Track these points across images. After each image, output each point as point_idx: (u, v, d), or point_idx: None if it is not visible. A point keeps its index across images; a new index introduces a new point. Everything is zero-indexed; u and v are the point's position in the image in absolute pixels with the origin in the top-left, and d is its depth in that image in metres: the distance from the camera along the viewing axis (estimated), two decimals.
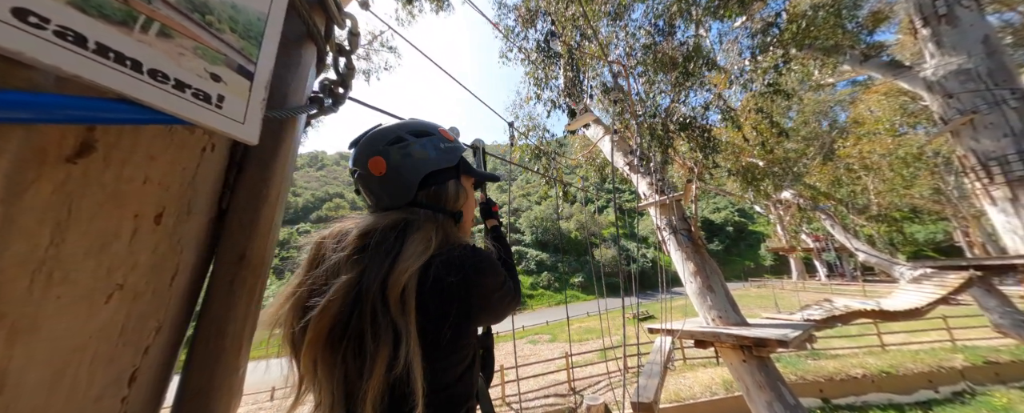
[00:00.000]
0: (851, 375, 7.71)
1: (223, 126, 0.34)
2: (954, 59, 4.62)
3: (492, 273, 0.58)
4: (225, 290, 0.45)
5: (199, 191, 0.43)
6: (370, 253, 0.54)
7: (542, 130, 6.92)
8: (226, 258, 0.47)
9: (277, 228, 0.54)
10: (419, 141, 0.67)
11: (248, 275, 0.47)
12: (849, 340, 9.55)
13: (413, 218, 0.61)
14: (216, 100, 0.34)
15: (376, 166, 0.63)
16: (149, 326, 0.38)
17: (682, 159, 6.89)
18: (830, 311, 4.39)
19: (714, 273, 4.24)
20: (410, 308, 0.48)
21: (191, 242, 0.43)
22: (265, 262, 0.50)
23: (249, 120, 0.37)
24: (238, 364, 0.45)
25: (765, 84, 4.91)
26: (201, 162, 0.43)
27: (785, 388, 3.56)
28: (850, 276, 23.44)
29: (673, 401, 7.27)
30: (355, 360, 0.49)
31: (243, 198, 0.49)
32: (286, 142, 0.53)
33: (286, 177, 0.54)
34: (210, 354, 0.43)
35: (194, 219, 0.43)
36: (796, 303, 11.09)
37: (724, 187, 10.40)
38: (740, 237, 47.76)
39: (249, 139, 0.37)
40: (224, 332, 0.44)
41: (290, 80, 0.55)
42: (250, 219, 0.48)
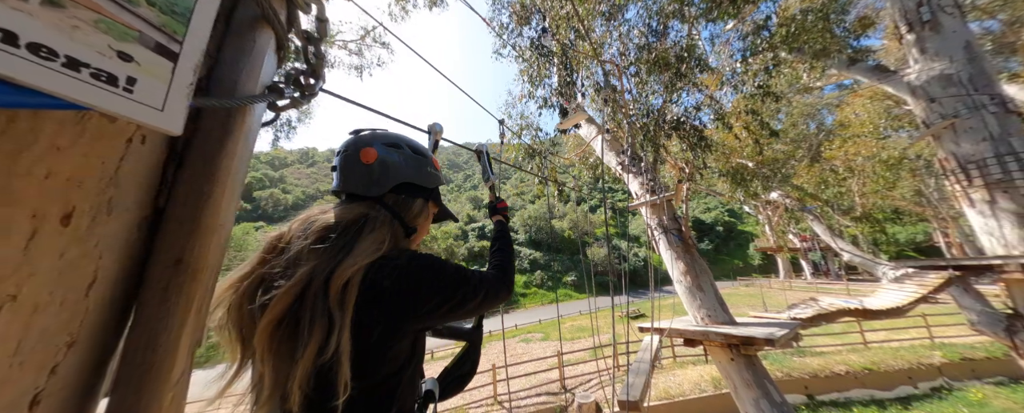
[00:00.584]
0: (835, 372, 7.89)
1: (133, 113, 0.30)
2: (937, 64, 4.73)
3: (432, 278, 0.60)
4: (158, 297, 0.41)
5: (124, 188, 0.38)
6: (328, 245, 0.57)
7: (535, 129, 6.89)
8: (160, 262, 0.42)
9: (225, 230, 0.50)
10: (412, 155, 0.77)
11: (186, 281, 0.42)
12: (833, 338, 9.77)
13: (374, 215, 0.66)
14: (124, 83, 0.29)
15: (367, 155, 0.71)
16: (57, 342, 0.33)
17: (673, 159, 6.94)
18: (816, 310, 4.47)
19: (703, 272, 4.28)
20: (349, 302, 0.51)
21: (115, 245, 0.38)
22: (208, 267, 0.45)
23: (170, 107, 0.32)
24: (171, 378, 0.40)
25: (756, 86, 4.96)
26: (126, 155, 0.38)
27: (772, 385, 3.60)
28: (835, 275, 24.03)
29: (663, 398, 7.35)
30: (288, 343, 0.51)
31: (182, 196, 0.44)
32: (235, 134, 0.48)
33: (235, 173, 0.49)
34: (138, 369, 0.39)
35: (118, 219, 0.38)
36: (783, 302, 11.31)
37: (715, 187, 10.53)
38: (730, 237, 48.52)
39: (169, 128, 0.33)
40: (155, 344, 0.39)
41: (241, 67, 0.50)
42: (189, 219, 0.43)
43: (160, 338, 0.40)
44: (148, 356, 0.39)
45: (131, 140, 0.39)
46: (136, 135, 0.39)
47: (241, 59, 0.50)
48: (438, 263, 0.63)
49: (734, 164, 8.48)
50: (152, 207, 0.43)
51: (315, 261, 0.55)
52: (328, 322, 0.50)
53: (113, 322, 0.40)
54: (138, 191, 0.41)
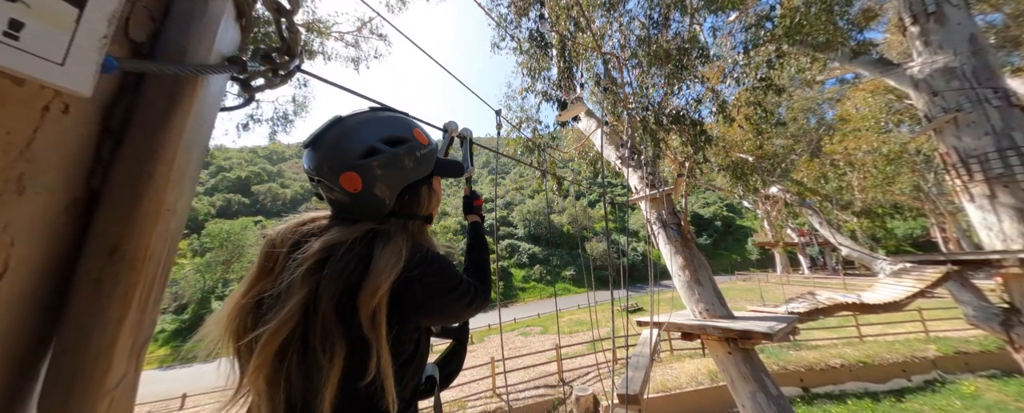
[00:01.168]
0: (830, 365, 7.96)
1: (16, 64, 0.24)
2: (940, 57, 4.67)
3: (440, 277, 0.58)
4: (90, 291, 0.35)
5: (41, 164, 0.33)
6: (329, 267, 0.51)
7: (535, 122, 6.81)
8: (93, 251, 0.36)
9: (175, 216, 0.44)
10: (396, 152, 0.61)
11: (123, 271, 0.37)
12: (829, 331, 9.85)
13: (383, 229, 0.59)
14: (6, 26, 0.23)
15: (350, 182, 0.57)
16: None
17: (673, 154, 6.88)
18: (814, 304, 4.47)
19: (702, 267, 4.26)
20: (381, 322, 0.48)
21: (31, 231, 0.33)
22: (150, 257, 0.40)
23: (75, 63, 0.27)
24: (107, 383, 0.36)
25: (758, 79, 4.89)
26: (41, 126, 0.33)
27: (768, 379, 3.61)
28: (832, 270, 24.16)
29: (660, 391, 7.41)
30: (300, 370, 0.48)
31: (120, 176, 0.38)
32: (184, 106, 0.42)
33: (186, 151, 0.43)
34: (66, 373, 0.34)
35: (34, 200, 0.33)
36: (780, 296, 11.37)
37: (714, 182, 10.49)
38: (728, 231, 48.72)
39: (73, 87, 0.27)
40: (86, 343, 0.34)
41: (189, 31, 0.44)
42: (127, 202, 0.38)
43: (92, 337, 0.35)
44: (78, 358, 0.34)
45: (48, 108, 0.33)
46: (54, 103, 0.34)
47: (190, 24, 0.44)
48: (450, 269, 0.61)
49: (734, 158, 8.43)
50: (84, 189, 0.38)
51: (310, 287, 0.50)
52: (354, 343, 0.48)
53: (36, 320, 0.35)
54: (63, 169, 0.35)
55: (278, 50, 0.75)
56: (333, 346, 0.47)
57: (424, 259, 0.57)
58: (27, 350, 0.34)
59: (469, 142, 1.17)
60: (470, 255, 0.90)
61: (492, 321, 16.76)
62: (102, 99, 0.39)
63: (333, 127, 0.61)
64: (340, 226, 0.59)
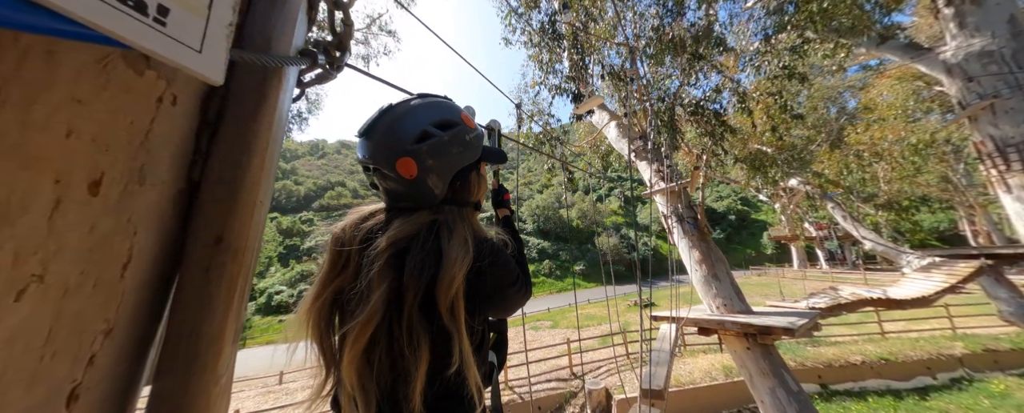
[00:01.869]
0: (850, 361, 7.78)
1: (168, 51, 0.24)
2: (977, 40, 4.43)
3: (506, 270, 0.60)
4: (199, 280, 0.36)
5: (156, 155, 0.33)
6: (408, 262, 0.53)
7: (547, 116, 6.74)
8: (200, 241, 0.37)
9: (263, 206, 0.45)
10: (447, 136, 0.61)
11: (227, 262, 0.37)
12: (849, 327, 9.61)
13: (443, 218, 0.60)
14: (155, 11, 0.23)
15: (406, 169, 0.57)
16: (93, 329, 0.29)
17: (688, 146, 6.73)
18: (836, 299, 4.36)
19: (719, 261, 4.19)
20: (460, 313, 0.50)
21: (149, 221, 0.34)
22: (248, 246, 0.40)
23: (209, 50, 0.27)
24: (218, 369, 0.36)
25: (780, 67, 4.72)
26: (157, 117, 0.33)
27: (788, 374, 3.55)
28: (851, 264, 23.52)
29: (673, 386, 7.37)
30: (388, 362, 0.51)
31: (218, 168, 0.39)
32: (271, 99, 0.42)
33: (272, 143, 0.44)
34: (182, 358, 0.35)
35: (151, 191, 0.33)
36: (799, 291, 11.12)
37: (729, 175, 10.23)
38: (742, 225, 47.78)
39: (210, 75, 0.27)
40: (199, 331, 0.35)
41: (274, 21, 0.44)
42: (227, 193, 0.38)
43: (204, 325, 0.35)
44: (193, 345, 0.35)
45: (161, 99, 0.33)
46: (166, 94, 0.34)
47: (274, 12, 0.44)
48: (512, 262, 0.63)
49: (751, 150, 8.20)
50: (186, 180, 0.38)
51: (390, 279, 0.52)
52: (437, 335, 0.50)
53: (152, 307, 0.36)
54: (171, 160, 0.36)
55: (331, 43, 0.75)
56: (419, 339, 0.49)
57: (492, 250, 0.58)
58: (144, 337, 0.35)
59: (497, 133, 1.17)
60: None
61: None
62: (202, 91, 0.39)
63: (385, 115, 0.61)
64: (400, 218, 0.59)
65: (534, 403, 7.65)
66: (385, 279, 0.51)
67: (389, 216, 0.62)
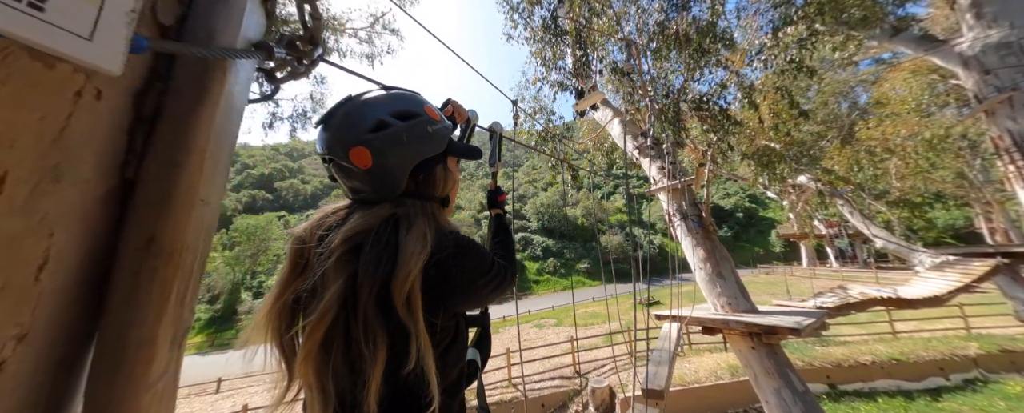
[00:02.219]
0: (859, 361, 7.63)
1: (44, 38, 0.22)
2: (994, 31, 4.28)
3: (473, 261, 0.58)
4: (128, 284, 0.35)
5: (75, 153, 0.32)
6: (363, 257, 0.51)
7: (549, 113, 6.69)
8: (130, 243, 0.36)
9: (209, 207, 0.43)
10: (406, 126, 0.59)
11: (160, 265, 0.36)
12: (858, 327, 9.43)
13: (403, 212, 0.58)
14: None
15: (359, 158, 0.56)
16: (2, 335, 0.28)
17: (693, 142, 6.62)
18: (845, 298, 4.26)
19: (724, 259, 4.12)
20: (416, 307, 0.48)
21: (70, 222, 0.32)
22: (186, 248, 0.39)
23: (103, 38, 0.25)
24: (149, 375, 0.35)
25: (787, 61, 4.60)
26: (75, 112, 0.31)
27: (794, 375, 3.49)
28: (862, 262, 23.06)
29: (677, 385, 7.32)
30: (345, 362, 0.49)
31: (154, 166, 0.37)
32: (213, 93, 0.41)
33: (216, 139, 0.42)
34: (108, 365, 0.33)
35: (70, 191, 0.32)
36: (807, 290, 10.93)
37: (736, 172, 10.07)
38: (750, 223, 47.15)
39: (102, 64, 0.26)
40: (126, 337, 0.34)
41: (218, 13, 0.42)
42: (162, 193, 0.37)
43: (132, 331, 0.34)
44: (119, 352, 0.34)
45: (80, 94, 0.32)
46: (87, 88, 0.32)
47: (218, 6, 0.42)
48: (483, 251, 0.61)
49: (758, 146, 8.03)
50: (119, 179, 0.37)
51: (346, 276, 0.50)
52: (394, 333, 0.48)
53: (79, 312, 0.34)
54: (97, 158, 0.34)
55: (301, 38, 0.73)
56: (375, 336, 0.47)
57: (456, 241, 0.56)
58: (70, 344, 0.34)
59: (499, 136, 1.15)
60: (495, 239, 0.91)
61: (507, 312, 16.93)
62: (133, 86, 0.38)
63: (343, 105, 0.60)
64: (359, 211, 0.58)
65: (537, 400, 7.65)
66: (340, 275, 0.49)
67: (349, 211, 0.60)
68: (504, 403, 7.30)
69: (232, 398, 9.29)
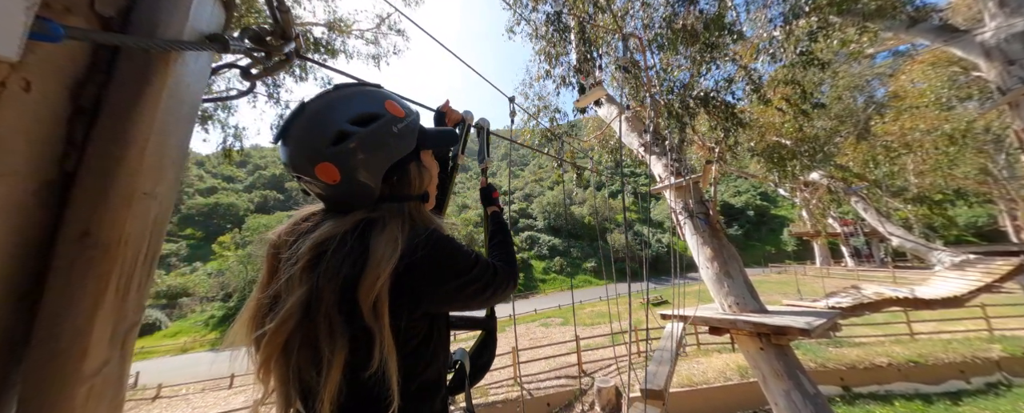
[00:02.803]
0: (875, 363, 7.41)
1: None
2: (1019, 20, 4.10)
3: (447, 260, 0.55)
4: (62, 277, 0.34)
5: (4, 144, 0.32)
6: (324, 263, 0.50)
7: (553, 111, 6.64)
8: (67, 236, 0.35)
9: (155, 200, 0.43)
10: (368, 132, 0.55)
11: (96, 257, 0.36)
12: (874, 328, 9.15)
13: (377, 217, 0.56)
14: None
15: (326, 173, 0.54)
16: None
17: (701, 139, 6.50)
18: (859, 299, 4.14)
19: (732, 258, 4.04)
20: (382, 312, 0.47)
21: (1, 215, 0.32)
22: (125, 241, 0.38)
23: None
24: (82, 371, 0.35)
25: (797, 53, 4.46)
26: (1, 104, 0.31)
27: (804, 376, 3.40)
28: (879, 262, 22.38)
29: (685, 386, 7.22)
30: (309, 365, 0.48)
31: (91, 159, 0.37)
32: (156, 86, 0.40)
33: (160, 132, 0.41)
34: (41, 360, 0.33)
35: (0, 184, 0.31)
36: (820, 290, 10.65)
37: (746, 169, 9.85)
38: (762, 221, 46.21)
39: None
40: (59, 330, 0.33)
41: (159, 5, 0.41)
42: (98, 186, 0.36)
43: (65, 323, 0.34)
44: (52, 345, 0.33)
45: (4, 84, 0.31)
46: (12, 79, 0.32)
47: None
48: (459, 250, 0.57)
49: (770, 142, 7.84)
50: (57, 171, 0.36)
51: (310, 283, 0.49)
52: (357, 336, 0.47)
53: (13, 308, 0.34)
54: (28, 151, 0.34)
55: (273, 32, 0.72)
56: (336, 341, 0.46)
57: (428, 241, 0.53)
58: (7, 338, 0.34)
59: (486, 132, 1.14)
60: (492, 241, 0.87)
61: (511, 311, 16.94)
62: (71, 77, 0.37)
63: (298, 117, 0.56)
64: (331, 220, 0.56)
65: (543, 399, 7.64)
66: (305, 282, 0.49)
67: (322, 218, 0.59)
68: (510, 402, 7.30)
69: (244, 393, 9.51)
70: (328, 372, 0.46)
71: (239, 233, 34.97)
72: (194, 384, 11.22)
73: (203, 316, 26.31)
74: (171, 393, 10.70)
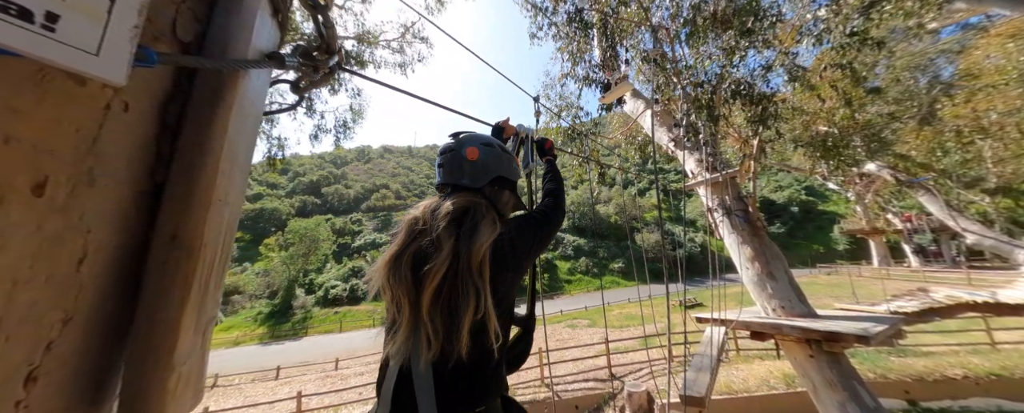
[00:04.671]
0: (948, 376, 6.61)
1: (55, 55, 0.25)
2: None
3: (529, 233, 0.82)
4: (156, 274, 0.39)
5: (108, 159, 0.36)
6: (463, 228, 0.73)
7: (576, 109, 6.54)
8: (159, 239, 0.40)
9: (227, 205, 0.47)
10: (501, 153, 0.93)
11: (182, 258, 0.40)
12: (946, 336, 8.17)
13: (478, 205, 0.79)
14: (43, 19, 0.25)
15: (471, 153, 0.87)
16: (48, 318, 0.32)
17: (737, 131, 6.13)
18: (928, 303, 3.72)
19: (775, 258, 3.77)
20: (486, 271, 0.68)
21: (106, 220, 0.36)
22: (206, 243, 0.43)
23: (108, 53, 0.28)
24: (173, 359, 0.39)
25: (848, 33, 4.08)
26: (106, 123, 0.36)
27: (862, 387, 3.11)
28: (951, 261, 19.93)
29: (724, 393, 6.82)
30: (448, 306, 0.66)
31: (177, 170, 0.41)
32: (228, 101, 0.44)
33: (231, 143, 0.46)
34: (140, 348, 0.37)
35: (105, 192, 0.36)
36: (879, 293, 9.67)
37: (789, 162, 9.14)
38: (807, 218, 42.77)
39: (107, 77, 0.28)
40: (154, 322, 0.38)
41: (229, 27, 0.46)
42: (183, 193, 0.41)
43: (159, 317, 0.38)
44: (149, 336, 0.37)
45: (109, 106, 0.36)
46: (115, 101, 0.36)
47: (227, 19, 0.46)
48: (531, 224, 0.86)
49: (816, 132, 7.23)
50: (150, 181, 0.41)
51: (453, 240, 0.70)
52: (475, 289, 0.65)
53: (119, 300, 0.39)
54: (128, 163, 0.38)
55: (318, 48, 0.77)
56: (466, 290, 0.65)
57: (514, 226, 0.81)
58: (110, 328, 0.39)
59: (530, 139, 1.37)
60: (546, 178, 1.16)
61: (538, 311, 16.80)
62: (159, 98, 0.42)
63: (471, 132, 0.94)
64: (453, 196, 0.81)
65: (571, 402, 7.53)
66: (448, 239, 0.70)
67: (444, 196, 0.84)
68: (537, 402, 7.27)
69: (289, 385, 10.18)
70: (466, 312, 0.63)
71: (282, 235, 37.50)
72: (245, 374, 12.17)
73: (252, 312, 28.45)
74: (226, 383, 11.67)
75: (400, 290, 0.69)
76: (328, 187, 59.13)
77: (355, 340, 18.46)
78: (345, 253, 38.40)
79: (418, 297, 0.67)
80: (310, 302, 28.52)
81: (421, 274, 0.67)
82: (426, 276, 0.66)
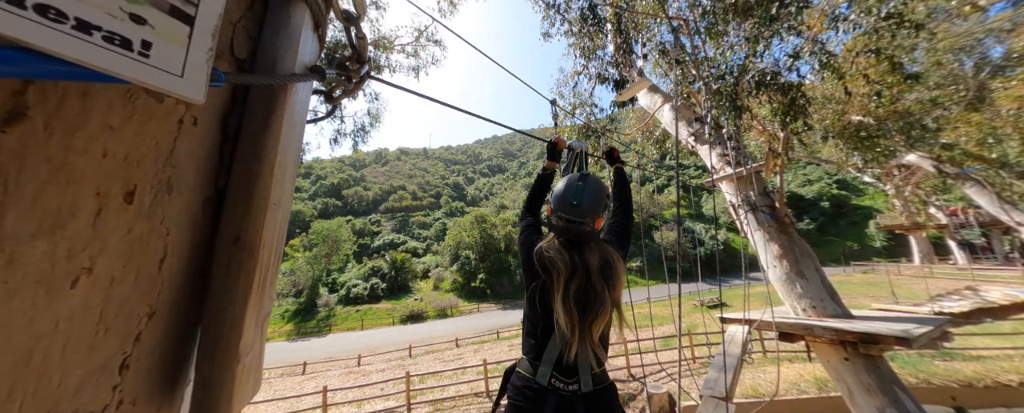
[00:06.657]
0: (1000, 381, 6.13)
1: (152, 79, 0.29)
2: None
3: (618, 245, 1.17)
4: (222, 273, 0.43)
5: (182, 168, 0.40)
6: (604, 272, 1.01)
7: (590, 106, 6.46)
8: (223, 240, 0.44)
9: (279, 207, 0.51)
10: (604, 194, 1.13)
11: (245, 258, 0.44)
12: (999, 339, 7.57)
13: (612, 254, 1.06)
14: (140, 47, 0.28)
15: (598, 223, 1.10)
16: (138, 312, 0.36)
17: (762, 124, 5.88)
18: (977, 303, 3.46)
19: (805, 256, 3.61)
20: (619, 302, 1.05)
21: (181, 223, 0.40)
22: (264, 244, 0.46)
23: (190, 74, 0.31)
24: (239, 350, 0.42)
25: (882, 16, 3.84)
26: (180, 136, 0.39)
27: (903, 393, 2.93)
28: (1003, 258, 18.38)
29: (750, 396, 6.60)
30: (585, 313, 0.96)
31: (237, 176, 0.45)
32: (279, 113, 0.48)
33: (282, 151, 0.49)
34: (210, 340, 0.41)
35: (180, 198, 0.40)
36: (921, 292, 9.06)
37: (819, 154, 8.66)
38: (839, 213, 40.54)
39: (190, 95, 0.32)
40: (222, 317, 0.42)
41: (278, 44, 0.49)
42: (243, 198, 0.44)
43: (226, 312, 0.42)
44: (218, 329, 0.41)
45: (182, 121, 0.40)
46: (186, 116, 0.40)
47: (277, 36, 0.49)
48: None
49: (850, 121, 6.83)
50: (213, 188, 0.45)
51: (606, 290, 1.01)
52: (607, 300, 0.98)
53: (191, 296, 0.43)
54: (197, 172, 0.42)
55: (350, 58, 0.81)
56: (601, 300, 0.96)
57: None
58: (185, 321, 0.43)
59: (584, 154, 1.59)
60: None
61: None
62: (220, 111, 0.46)
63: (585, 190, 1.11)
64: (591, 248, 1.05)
65: None
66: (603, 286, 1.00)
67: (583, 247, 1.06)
68: None
69: (314, 380, 10.61)
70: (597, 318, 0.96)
71: (306, 236, 38.99)
72: (275, 369, 12.76)
73: (279, 310, 29.79)
74: None
75: (568, 319, 0.95)
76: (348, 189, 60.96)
77: (375, 337, 18.98)
78: (365, 253, 39.52)
79: (584, 327, 0.95)
80: (333, 300, 29.55)
81: (588, 315, 0.95)
82: (592, 317, 0.95)
